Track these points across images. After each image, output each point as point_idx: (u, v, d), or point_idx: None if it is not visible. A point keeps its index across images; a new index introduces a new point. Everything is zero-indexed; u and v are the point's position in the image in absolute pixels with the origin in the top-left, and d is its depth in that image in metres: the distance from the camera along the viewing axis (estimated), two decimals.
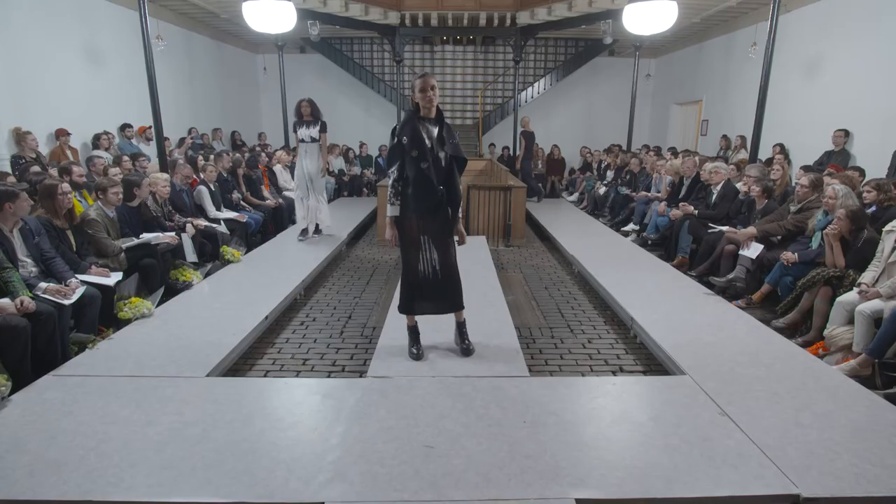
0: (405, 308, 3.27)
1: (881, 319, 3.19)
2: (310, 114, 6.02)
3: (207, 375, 3.01)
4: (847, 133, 6.73)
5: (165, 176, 5.24)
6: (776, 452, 2.29)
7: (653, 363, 3.57)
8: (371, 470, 2.17)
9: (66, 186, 3.84)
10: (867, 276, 3.51)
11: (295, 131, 6.10)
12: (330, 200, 9.99)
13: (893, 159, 5.84)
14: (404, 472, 2.15)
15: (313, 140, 6.07)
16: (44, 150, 6.30)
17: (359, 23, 10.15)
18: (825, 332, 3.57)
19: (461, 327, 3.32)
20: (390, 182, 3.03)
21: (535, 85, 12.80)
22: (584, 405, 2.72)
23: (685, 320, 3.85)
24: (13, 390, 2.71)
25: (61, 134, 6.51)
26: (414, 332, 3.30)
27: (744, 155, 7.88)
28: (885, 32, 6.34)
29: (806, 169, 6.14)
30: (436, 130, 3.02)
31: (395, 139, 2.99)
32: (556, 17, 9.89)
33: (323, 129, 6.11)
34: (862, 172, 5.45)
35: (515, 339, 3.55)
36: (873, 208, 4.22)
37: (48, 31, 6.63)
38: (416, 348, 3.25)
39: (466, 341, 3.29)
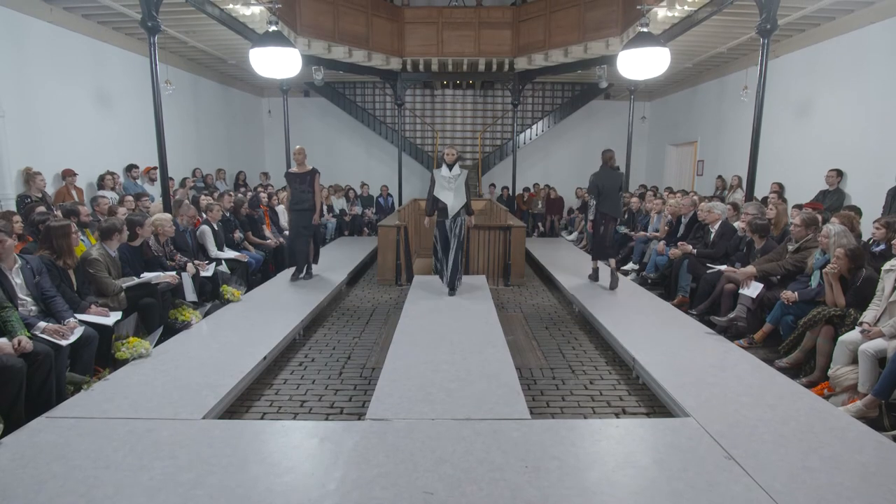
0: None
1: (885, 359, 3.17)
2: None
3: (204, 418, 2.96)
4: (840, 173, 6.84)
5: (170, 217, 5.31)
6: (785, 498, 2.23)
7: (656, 404, 3.52)
8: None
9: (74, 226, 3.96)
10: (868, 315, 3.50)
11: None
12: (331, 239, 10.07)
13: (887, 198, 5.91)
14: None
15: None
16: (50, 189, 6.40)
17: (362, 68, 10.49)
18: (829, 372, 3.53)
19: None
20: None
21: (533, 127, 13.10)
22: (586, 449, 2.67)
23: (687, 360, 3.81)
24: (5, 432, 2.67)
25: (68, 174, 6.62)
26: None
27: (741, 194, 7.97)
28: (870, 75, 6.54)
29: (798, 208, 6.21)
30: None
31: None
32: (553, 63, 10.25)
33: None
34: (858, 212, 5.51)
35: (516, 380, 3.50)
36: (881, 246, 4.25)
37: (62, 75, 6.84)
38: None
39: None
